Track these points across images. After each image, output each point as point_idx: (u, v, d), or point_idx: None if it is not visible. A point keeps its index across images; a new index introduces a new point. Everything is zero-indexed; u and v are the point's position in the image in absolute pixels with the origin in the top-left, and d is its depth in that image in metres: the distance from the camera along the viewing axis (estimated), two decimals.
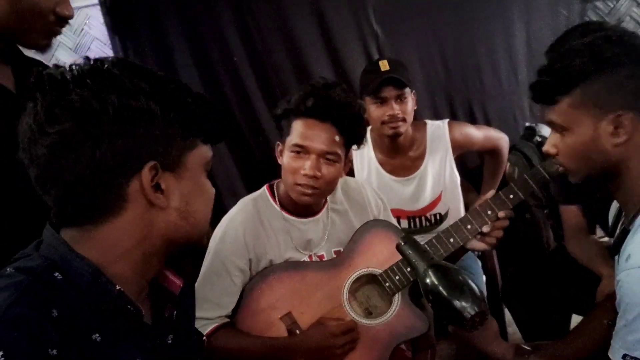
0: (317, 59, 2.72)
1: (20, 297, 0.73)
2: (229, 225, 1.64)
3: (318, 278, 1.62)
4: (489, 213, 1.54)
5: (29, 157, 0.79)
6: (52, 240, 0.82)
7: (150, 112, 0.80)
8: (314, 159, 1.53)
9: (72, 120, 0.76)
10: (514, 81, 2.75)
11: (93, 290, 0.79)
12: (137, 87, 0.79)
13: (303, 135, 1.53)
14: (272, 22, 2.67)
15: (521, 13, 2.69)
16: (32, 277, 0.76)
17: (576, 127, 1.17)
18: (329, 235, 1.70)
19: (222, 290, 1.58)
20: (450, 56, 2.73)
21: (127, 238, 0.83)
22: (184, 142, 0.85)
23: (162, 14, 2.59)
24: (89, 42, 2.63)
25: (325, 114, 1.52)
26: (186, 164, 0.86)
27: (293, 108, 1.55)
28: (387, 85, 2.11)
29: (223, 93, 2.69)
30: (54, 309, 0.74)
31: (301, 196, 1.57)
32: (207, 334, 1.52)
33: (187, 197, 0.87)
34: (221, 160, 2.74)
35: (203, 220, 0.92)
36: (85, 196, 0.79)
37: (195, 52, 2.65)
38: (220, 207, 2.67)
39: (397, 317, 1.58)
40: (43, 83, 0.78)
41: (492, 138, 2.38)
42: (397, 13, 2.69)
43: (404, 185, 2.26)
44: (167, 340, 0.94)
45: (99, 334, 0.79)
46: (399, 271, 1.58)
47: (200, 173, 0.90)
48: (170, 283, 0.95)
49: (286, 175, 1.59)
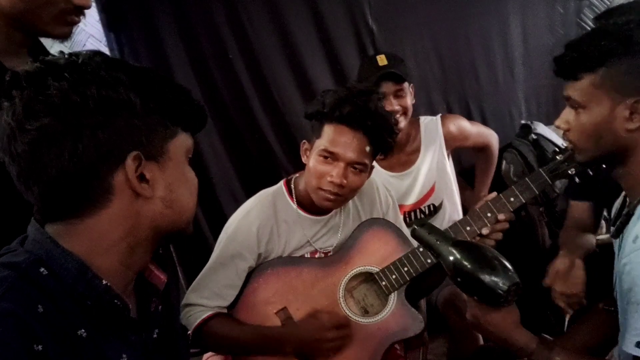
0: (312, 55, 2.71)
1: (6, 293, 0.73)
2: (243, 219, 1.63)
3: (315, 274, 1.62)
4: (489, 215, 1.54)
5: (9, 155, 0.78)
6: (37, 235, 0.82)
7: (130, 102, 0.80)
8: (342, 167, 1.51)
9: (51, 115, 0.75)
10: (509, 78, 2.76)
11: (79, 285, 0.79)
12: (116, 79, 0.79)
13: (334, 142, 1.51)
14: (267, 19, 2.66)
15: (517, 9, 2.70)
16: (18, 272, 0.76)
17: (593, 106, 1.18)
18: (341, 232, 1.70)
19: (225, 282, 1.59)
20: (446, 52, 2.73)
21: (114, 230, 0.83)
22: (165, 131, 0.85)
23: (157, 12, 2.58)
24: (85, 40, 2.62)
25: (359, 123, 1.49)
26: (169, 153, 0.86)
27: (327, 112, 1.51)
28: (385, 81, 2.09)
29: (218, 90, 2.68)
30: (39, 305, 0.74)
31: (323, 201, 1.56)
32: (202, 320, 1.53)
33: (172, 186, 0.87)
34: (217, 157, 2.73)
35: (188, 208, 0.92)
36: (70, 190, 0.79)
37: (190, 49, 2.64)
38: (216, 203, 2.73)
39: (393, 316, 1.58)
40: (19, 80, 0.77)
41: (484, 134, 2.39)
42: (392, 9, 2.69)
43: (400, 180, 2.26)
44: (153, 335, 0.94)
45: (84, 330, 0.79)
46: (395, 270, 1.58)
47: (183, 161, 0.90)
48: (154, 277, 0.96)
49: (310, 177, 1.57)
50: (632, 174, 1.21)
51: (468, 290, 1.17)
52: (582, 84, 1.18)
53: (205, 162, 2.70)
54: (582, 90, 1.18)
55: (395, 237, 1.67)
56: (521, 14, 2.70)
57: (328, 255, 1.68)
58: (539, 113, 2.79)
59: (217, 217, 2.62)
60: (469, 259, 1.11)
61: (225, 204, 2.73)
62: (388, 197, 1.80)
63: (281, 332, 1.55)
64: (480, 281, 1.09)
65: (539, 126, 2.58)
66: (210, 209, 2.69)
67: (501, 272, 1.08)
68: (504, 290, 1.07)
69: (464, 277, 1.12)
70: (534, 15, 2.70)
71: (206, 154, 2.69)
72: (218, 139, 2.72)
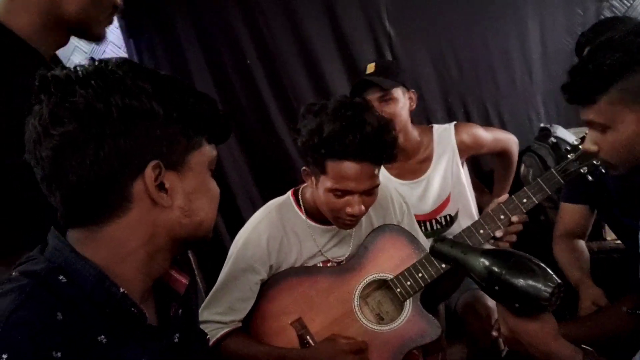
0: (330, 61, 2.72)
1: (25, 301, 0.74)
2: (252, 232, 1.63)
3: (329, 283, 1.62)
4: (502, 218, 1.53)
5: (35, 158, 0.80)
6: (56, 243, 0.83)
7: (153, 112, 0.80)
8: (357, 198, 1.48)
9: (75, 122, 0.76)
10: (528, 81, 2.73)
11: (97, 293, 0.80)
12: (140, 88, 0.80)
13: (343, 179, 1.45)
14: (285, 24, 2.68)
15: (535, 12, 2.67)
16: (37, 280, 0.77)
17: (618, 124, 1.16)
18: (353, 240, 1.69)
19: (239, 296, 1.58)
20: (464, 56, 2.72)
21: (132, 238, 0.83)
22: (188, 141, 0.85)
23: (176, 18, 2.61)
24: (104, 46, 2.66)
25: (364, 154, 1.42)
26: (190, 164, 0.86)
27: (327, 148, 1.43)
28: (370, 88, 2.09)
29: (236, 95, 2.70)
30: (58, 312, 0.75)
31: (344, 226, 1.57)
32: (218, 339, 1.53)
33: (191, 196, 0.87)
34: (235, 162, 2.75)
35: (207, 219, 0.91)
36: (90, 197, 0.80)
37: (208, 55, 2.66)
38: (235, 209, 2.74)
39: (409, 323, 1.58)
40: (48, 84, 0.78)
41: (501, 140, 2.35)
42: (409, 13, 2.69)
43: (411, 188, 2.25)
44: (174, 339, 0.95)
45: (104, 336, 0.80)
46: (410, 277, 1.58)
47: (205, 172, 0.90)
48: (174, 281, 0.96)
49: (325, 209, 1.54)
50: None
51: (507, 300, 1.09)
52: (600, 106, 1.16)
53: (224, 168, 2.71)
54: (601, 112, 1.16)
55: (408, 243, 1.66)
56: (539, 17, 2.67)
57: (341, 263, 1.67)
58: (558, 116, 2.76)
59: (235, 222, 2.61)
60: (505, 266, 1.04)
61: (244, 209, 2.75)
62: (403, 205, 1.79)
63: (300, 355, 1.52)
64: (521, 288, 1.02)
65: (558, 129, 2.55)
66: (229, 215, 2.71)
67: (541, 275, 1.02)
68: (548, 293, 1.00)
69: (502, 286, 1.04)
70: (553, 17, 2.67)
71: (224, 159, 2.71)
72: (236, 145, 2.74)
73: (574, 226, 1.91)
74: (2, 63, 1.03)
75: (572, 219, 1.92)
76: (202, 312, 1.59)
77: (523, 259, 1.06)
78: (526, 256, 1.07)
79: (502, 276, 1.03)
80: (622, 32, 1.14)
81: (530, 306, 1.06)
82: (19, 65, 1.04)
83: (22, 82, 0.99)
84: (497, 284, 1.05)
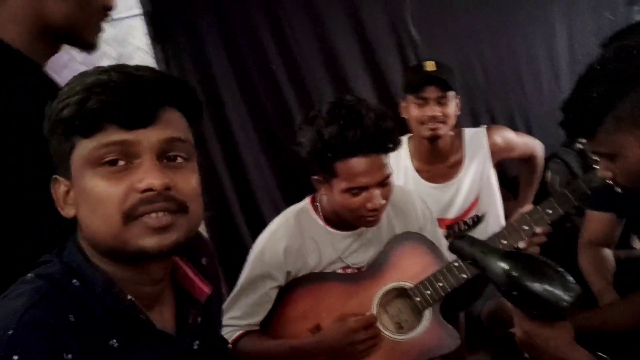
0: (354, 66, 2.71)
1: (38, 302, 0.75)
2: (270, 239, 1.64)
3: (347, 290, 1.62)
4: (525, 229, 1.51)
5: None
6: (71, 247, 0.85)
7: (45, 129, 0.83)
8: (374, 191, 1.48)
9: None
10: (555, 87, 2.70)
11: (107, 298, 0.82)
12: None
13: (355, 176, 1.45)
14: (309, 29, 2.68)
15: (563, 16, 2.64)
16: (51, 282, 0.79)
17: (623, 151, 1.15)
18: (373, 246, 1.69)
19: (256, 301, 1.60)
20: (490, 62, 2.69)
21: None
22: (63, 146, 0.81)
23: (202, 24, 2.63)
24: (132, 52, 2.71)
25: (368, 147, 1.44)
26: (72, 170, 0.81)
27: (332, 150, 1.44)
28: (429, 86, 2.07)
29: (260, 100, 2.71)
30: (70, 314, 0.76)
31: (369, 224, 1.57)
32: (233, 341, 1.55)
33: (77, 207, 0.83)
34: (258, 167, 2.76)
35: (97, 227, 0.80)
36: None
37: (234, 60, 2.68)
38: (258, 212, 2.76)
39: (428, 332, 1.57)
40: None
41: (530, 145, 2.34)
42: (435, 18, 2.67)
43: (442, 192, 2.24)
44: (193, 347, 0.95)
45: (116, 340, 0.81)
46: (430, 286, 1.57)
47: (83, 175, 0.80)
48: (197, 290, 0.96)
49: (345, 211, 1.54)
50: None
51: (524, 305, 1.09)
52: (600, 138, 1.15)
53: (247, 172, 2.73)
54: (603, 142, 1.15)
55: (429, 252, 1.65)
56: (567, 21, 2.63)
57: (361, 270, 1.67)
58: None
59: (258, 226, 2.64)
60: (525, 271, 1.03)
61: (266, 212, 2.76)
62: (426, 211, 1.77)
63: (312, 342, 1.54)
64: (540, 294, 1.01)
65: None
66: (252, 218, 2.73)
67: (560, 283, 1.01)
68: (567, 302, 0.99)
69: (520, 291, 1.03)
70: (581, 21, 2.63)
71: (248, 163, 2.73)
72: (259, 149, 2.75)
73: (601, 234, 1.87)
74: None
75: (598, 227, 1.88)
76: None
77: (544, 264, 1.04)
78: (547, 262, 1.05)
79: (522, 281, 1.02)
80: (604, 60, 1.11)
81: (548, 313, 1.05)
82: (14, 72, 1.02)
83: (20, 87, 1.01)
84: (515, 289, 1.04)
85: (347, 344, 1.50)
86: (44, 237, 0.93)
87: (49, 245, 0.90)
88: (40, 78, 1.09)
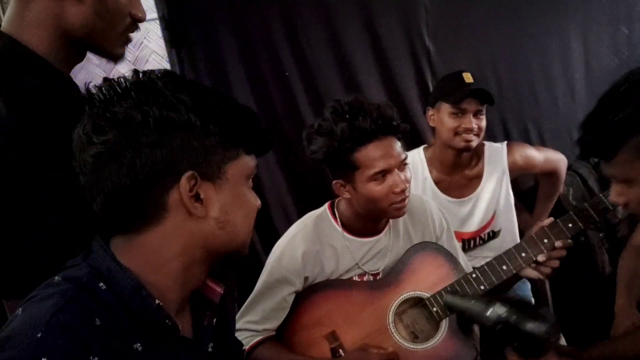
0: (368, 74, 2.71)
1: (65, 306, 0.76)
2: (288, 244, 1.64)
3: (364, 298, 1.62)
4: (545, 242, 1.50)
5: (79, 165, 0.83)
6: (98, 250, 0.85)
7: (190, 123, 0.82)
8: (397, 174, 1.52)
9: (115, 131, 0.79)
10: (570, 100, 2.68)
11: (134, 302, 0.82)
12: (179, 99, 0.82)
13: (376, 160, 1.50)
14: (324, 36, 2.67)
15: (579, 29, 2.62)
16: (78, 286, 0.79)
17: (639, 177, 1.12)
18: (390, 254, 1.69)
19: (273, 306, 1.60)
20: (504, 74, 2.68)
21: (167, 247, 0.85)
22: (224, 152, 0.87)
23: (218, 30, 2.64)
24: (148, 55, 2.72)
25: (380, 130, 1.50)
26: (226, 174, 0.87)
27: (346, 143, 1.50)
28: (469, 98, 2.08)
29: (274, 107, 2.71)
30: (97, 318, 0.77)
31: (399, 212, 1.58)
32: (252, 346, 1.55)
33: (227, 207, 0.88)
34: (271, 173, 2.76)
35: (242, 231, 0.92)
36: (126, 204, 0.82)
37: (248, 66, 2.68)
38: (269, 220, 2.75)
39: (443, 343, 1.56)
40: (92, 95, 0.83)
41: (552, 160, 2.32)
42: (450, 29, 2.66)
43: (459, 206, 2.23)
44: (207, 349, 0.96)
45: (140, 344, 0.81)
46: None
47: (242, 184, 0.91)
48: (209, 291, 0.97)
49: (373, 205, 1.56)
50: None
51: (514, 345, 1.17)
52: (618, 161, 1.10)
53: (259, 178, 2.72)
54: (620, 167, 1.12)
55: (446, 262, 1.65)
56: (583, 35, 2.62)
57: (377, 277, 1.67)
58: None
59: (269, 233, 2.64)
60: (510, 315, 1.14)
61: (277, 220, 2.75)
62: (442, 221, 1.77)
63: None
64: (526, 333, 1.12)
65: None
66: (263, 226, 2.71)
67: (539, 317, 1.12)
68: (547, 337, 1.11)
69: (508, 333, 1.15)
70: (597, 35, 2.61)
71: (260, 169, 2.70)
72: (272, 155, 2.74)
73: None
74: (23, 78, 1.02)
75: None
76: (237, 321, 1.60)
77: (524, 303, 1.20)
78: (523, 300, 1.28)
79: (506, 323, 1.14)
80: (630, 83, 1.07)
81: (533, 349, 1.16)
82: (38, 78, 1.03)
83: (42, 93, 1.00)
84: (501, 330, 1.16)
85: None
86: (44, 237, 0.94)
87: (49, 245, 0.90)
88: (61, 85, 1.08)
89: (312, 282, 1.64)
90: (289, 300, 1.61)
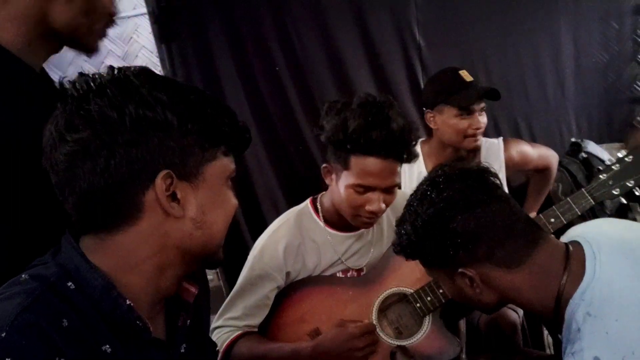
0: (358, 70, 2.72)
1: (31, 305, 0.73)
2: (269, 239, 1.63)
3: (347, 294, 1.61)
4: None
5: (50, 163, 0.81)
6: (68, 248, 0.83)
7: (167, 123, 0.80)
8: (378, 196, 1.48)
9: (89, 129, 0.76)
10: (560, 96, 2.69)
11: (104, 302, 0.80)
12: (156, 98, 0.79)
13: (366, 175, 1.45)
14: (315, 32, 2.69)
15: (569, 26, 2.63)
16: (46, 285, 0.77)
17: None
18: (374, 249, 1.68)
19: (255, 302, 1.59)
20: (495, 69, 2.69)
21: (142, 247, 0.83)
22: (203, 153, 0.84)
23: (208, 25, 2.64)
24: (137, 51, 2.71)
25: (388, 151, 1.43)
26: (204, 175, 0.85)
27: (353, 142, 1.44)
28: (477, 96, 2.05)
29: (264, 102, 2.72)
30: (64, 319, 0.74)
31: (363, 225, 1.56)
32: (231, 341, 1.53)
33: (204, 208, 0.85)
34: (261, 167, 2.77)
35: (219, 232, 0.89)
36: (101, 204, 0.79)
37: (239, 61, 2.68)
38: (259, 213, 2.75)
39: (427, 339, 1.56)
40: (65, 92, 0.79)
41: (545, 156, 2.31)
42: (440, 25, 2.67)
43: None
44: (180, 350, 0.94)
45: (109, 345, 0.79)
46: (430, 292, 1.56)
47: (220, 184, 0.89)
48: (183, 291, 0.95)
49: (344, 206, 1.53)
50: None
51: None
52: None
53: (249, 172, 2.73)
54: None
55: None
56: (573, 30, 2.62)
57: (361, 273, 1.66)
58: (590, 131, 2.71)
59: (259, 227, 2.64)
60: None
61: (267, 214, 2.76)
62: None
63: (310, 347, 1.52)
64: None
65: (590, 144, 2.51)
66: (253, 219, 2.73)
67: None
68: None
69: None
70: (587, 31, 2.62)
71: (250, 164, 2.73)
72: (262, 150, 2.75)
73: None
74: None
75: None
76: (218, 318, 1.60)
77: None
78: None
79: None
80: None
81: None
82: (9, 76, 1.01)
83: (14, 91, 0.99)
84: None
85: (346, 350, 1.48)
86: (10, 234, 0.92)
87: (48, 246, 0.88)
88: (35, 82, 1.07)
89: (295, 278, 1.63)
90: (270, 297, 1.60)
